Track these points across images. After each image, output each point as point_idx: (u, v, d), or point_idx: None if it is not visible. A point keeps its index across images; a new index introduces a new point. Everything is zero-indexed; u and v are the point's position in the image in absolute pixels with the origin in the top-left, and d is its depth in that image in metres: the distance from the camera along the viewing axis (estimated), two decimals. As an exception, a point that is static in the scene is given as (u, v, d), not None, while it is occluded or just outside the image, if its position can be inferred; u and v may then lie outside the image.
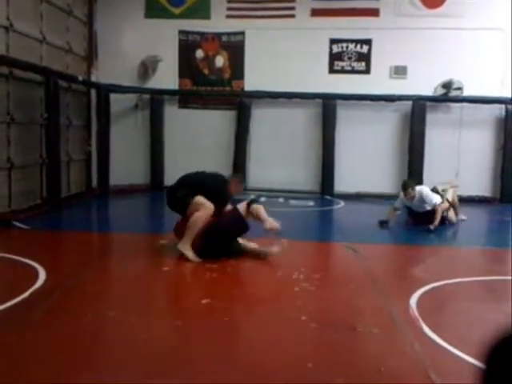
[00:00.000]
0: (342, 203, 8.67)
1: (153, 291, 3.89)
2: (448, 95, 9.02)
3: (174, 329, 3.15)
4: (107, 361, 2.65)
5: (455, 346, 2.79)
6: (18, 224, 5.77)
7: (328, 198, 9.19)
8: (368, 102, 9.18)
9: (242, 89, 9.60)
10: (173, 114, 9.65)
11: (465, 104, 9.03)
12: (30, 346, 2.78)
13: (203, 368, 2.57)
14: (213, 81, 9.66)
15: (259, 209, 4.63)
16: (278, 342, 2.93)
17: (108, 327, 3.13)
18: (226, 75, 9.66)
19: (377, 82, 9.16)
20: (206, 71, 9.68)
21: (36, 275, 3.91)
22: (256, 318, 3.36)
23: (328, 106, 9.23)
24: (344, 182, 9.36)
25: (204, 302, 3.49)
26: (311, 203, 8.55)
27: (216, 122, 9.63)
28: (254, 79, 9.41)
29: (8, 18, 6.53)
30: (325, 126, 9.32)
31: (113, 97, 9.15)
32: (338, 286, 4.14)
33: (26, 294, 3.49)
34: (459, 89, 9.00)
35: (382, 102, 9.16)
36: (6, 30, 6.53)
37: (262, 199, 8.82)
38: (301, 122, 9.45)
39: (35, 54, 7.22)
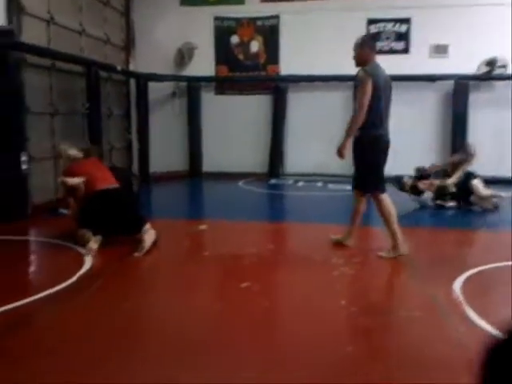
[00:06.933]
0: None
1: (194, 276, 3.97)
2: (492, 73, 8.69)
3: (214, 314, 3.20)
4: (143, 346, 2.70)
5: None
6: (64, 211, 5.98)
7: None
8: (407, 83, 8.92)
9: (278, 73, 9.55)
10: (210, 100, 9.72)
11: (510, 82, 8.68)
12: (71, 328, 2.91)
13: (242, 352, 2.62)
14: (248, 66, 9.64)
15: None
16: (317, 326, 2.94)
17: (148, 312, 3.21)
18: (261, 60, 9.62)
19: (416, 62, 8.90)
20: (241, 57, 9.67)
21: (83, 260, 4.07)
22: (295, 303, 3.38)
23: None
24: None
25: (243, 285, 3.53)
26: (349, 187, 8.44)
27: (252, 108, 9.63)
28: (289, 63, 9.33)
29: (49, 12, 6.72)
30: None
31: (151, 85, 9.29)
32: (378, 270, 4.11)
33: (74, 278, 3.63)
34: (504, 66, 8.65)
35: (423, 83, 8.90)
36: (48, 23, 6.73)
37: (301, 183, 8.83)
38: (338, 105, 9.30)
39: (75, 46, 7.41)
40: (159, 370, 2.37)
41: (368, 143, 4.22)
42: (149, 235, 4.42)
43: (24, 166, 5.87)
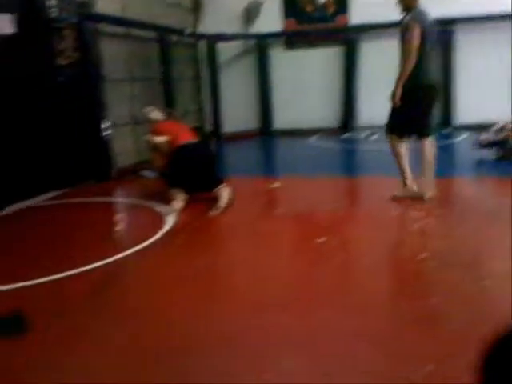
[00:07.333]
0: (465, 135, 8.09)
1: (270, 232, 4.05)
2: None
3: (292, 268, 3.27)
4: (228, 299, 2.83)
5: None
6: (144, 173, 6.28)
7: (448, 130, 8.64)
8: (492, 23, 8.26)
9: (348, 23, 9.19)
10: (279, 56, 9.59)
11: None
12: (158, 282, 3.11)
13: (317, 304, 2.67)
14: (317, 18, 9.34)
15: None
16: (397, 280, 2.92)
17: (230, 267, 3.32)
18: (330, 10, 9.28)
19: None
20: (309, 8, 9.37)
21: (165, 219, 4.27)
22: (374, 256, 3.36)
23: (444, 32, 8.48)
24: (466, 111, 8.69)
25: (320, 240, 3.55)
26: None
27: (323, 61, 9.39)
28: (360, 11, 8.92)
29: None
30: (443, 54, 8.62)
31: (220, 46, 9.31)
32: (463, 222, 3.94)
33: (158, 236, 3.84)
34: None
35: (503, 22, 8.17)
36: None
37: (375, 137, 8.57)
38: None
39: (147, 12, 7.53)
40: (242, 321, 2.49)
41: (408, 91, 4.22)
42: (224, 194, 4.56)
43: (106, 132, 6.20)
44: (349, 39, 9.16)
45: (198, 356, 2.16)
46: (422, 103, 4.33)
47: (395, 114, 4.37)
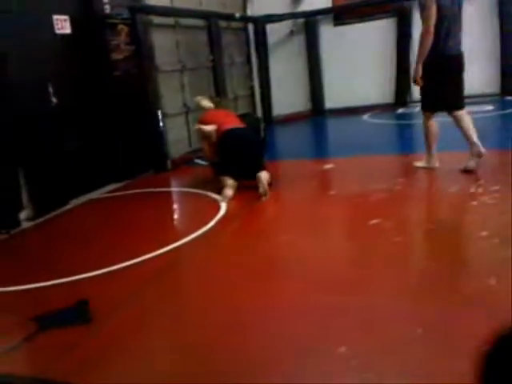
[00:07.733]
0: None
1: (321, 214, 4.05)
2: None
3: (346, 250, 3.29)
4: (282, 276, 2.91)
5: None
6: (199, 161, 6.43)
7: (509, 98, 8.17)
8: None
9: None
10: (328, 33, 9.40)
11: None
12: (219, 266, 3.21)
13: (378, 286, 2.67)
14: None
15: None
16: (455, 259, 2.86)
17: (284, 250, 3.38)
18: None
19: None
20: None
21: (218, 206, 4.38)
22: (428, 236, 3.29)
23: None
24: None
25: (373, 222, 3.51)
26: (490, 107, 7.71)
27: (374, 35, 9.09)
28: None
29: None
30: (502, 17, 8.12)
31: (269, 27, 9.24)
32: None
33: (213, 223, 3.94)
34: None
35: None
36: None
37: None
38: (472, 17, 8.31)
39: (195, 0, 7.60)
40: (300, 300, 2.55)
41: (431, 65, 4.24)
42: (263, 178, 4.55)
43: (161, 123, 6.38)
44: (401, 8, 8.80)
45: (263, 337, 2.24)
46: (442, 75, 4.29)
47: (423, 91, 4.45)
